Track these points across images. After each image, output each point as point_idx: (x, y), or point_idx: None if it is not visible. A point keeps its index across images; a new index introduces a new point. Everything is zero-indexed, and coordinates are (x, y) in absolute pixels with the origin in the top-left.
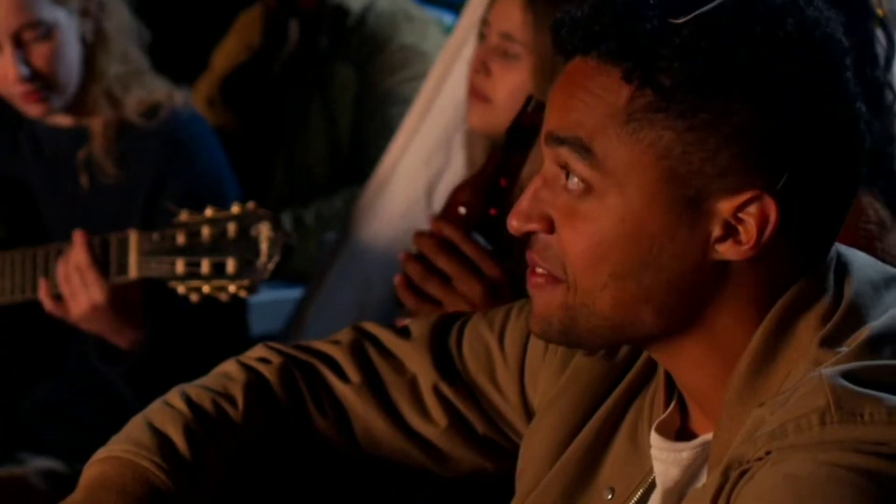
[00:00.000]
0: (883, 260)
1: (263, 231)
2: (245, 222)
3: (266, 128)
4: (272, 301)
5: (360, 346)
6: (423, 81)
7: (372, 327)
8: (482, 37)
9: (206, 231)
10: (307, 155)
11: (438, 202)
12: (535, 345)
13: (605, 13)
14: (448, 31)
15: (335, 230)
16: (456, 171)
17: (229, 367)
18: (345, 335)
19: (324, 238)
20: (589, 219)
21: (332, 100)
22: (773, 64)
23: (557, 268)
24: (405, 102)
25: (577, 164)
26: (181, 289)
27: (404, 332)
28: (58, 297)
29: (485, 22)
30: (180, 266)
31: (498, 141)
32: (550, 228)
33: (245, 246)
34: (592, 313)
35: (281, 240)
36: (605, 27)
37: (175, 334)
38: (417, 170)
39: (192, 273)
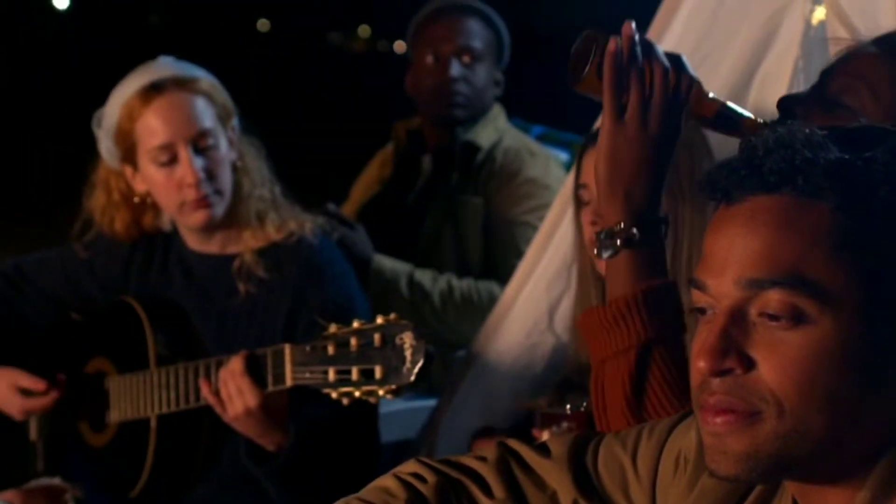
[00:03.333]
0: None
1: (407, 340)
2: (389, 332)
3: (402, 254)
4: (408, 409)
5: (506, 462)
6: (547, 211)
7: (515, 444)
8: (579, 202)
9: (353, 341)
10: None
11: (560, 324)
12: (666, 465)
13: (788, 150)
14: (565, 166)
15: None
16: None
17: (390, 483)
18: (491, 451)
19: (454, 355)
20: (802, 347)
21: (463, 228)
22: None
23: (757, 402)
24: (531, 230)
25: (790, 299)
26: (334, 394)
27: (544, 450)
28: (217, 396)
29: (581, 185)
30: (332, 374)
31: None
32: (747, 364)
33: (390, 353)
34: (804, 438)
35: (423, 347)
36: (800, 163)
37: (315, 438)
38: (540, 294)
39: (343, 380)
